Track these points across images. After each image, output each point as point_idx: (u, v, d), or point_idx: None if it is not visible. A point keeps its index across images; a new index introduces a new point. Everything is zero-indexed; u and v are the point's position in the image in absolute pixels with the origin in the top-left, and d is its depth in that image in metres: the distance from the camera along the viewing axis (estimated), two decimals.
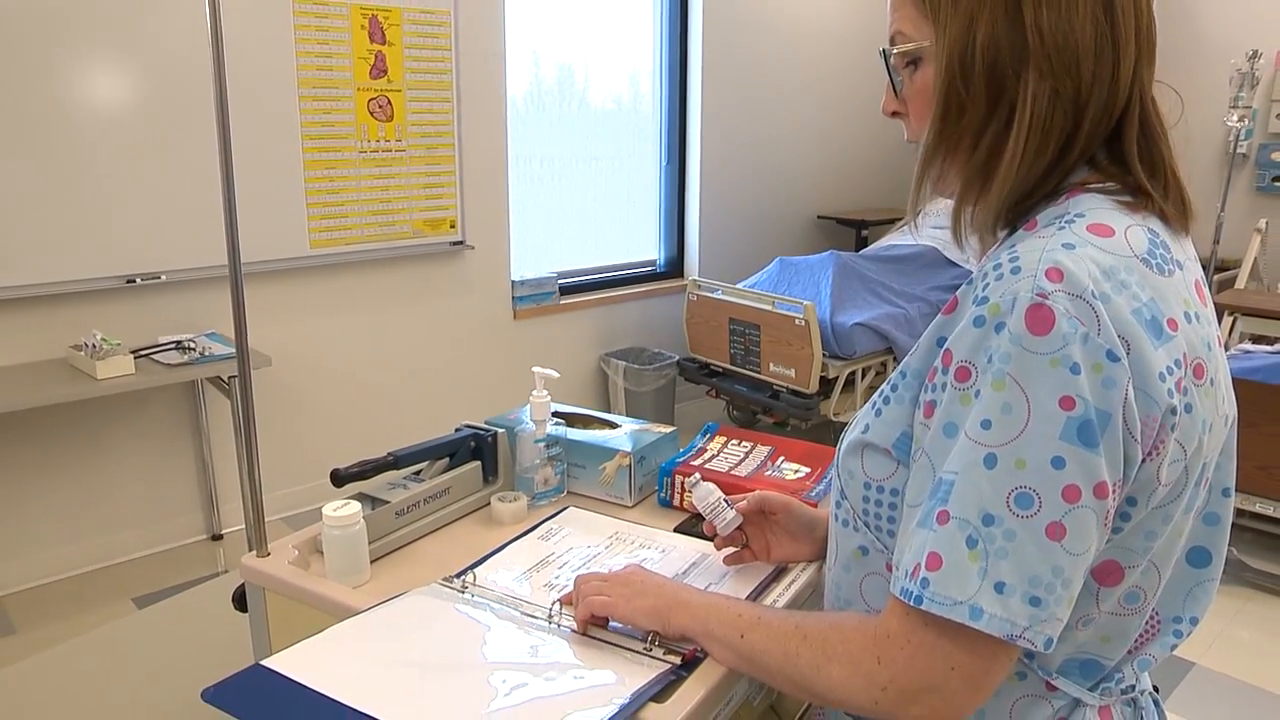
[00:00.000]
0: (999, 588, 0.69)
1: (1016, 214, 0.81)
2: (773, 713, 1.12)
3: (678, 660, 0.95)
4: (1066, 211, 0.77)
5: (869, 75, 5.19)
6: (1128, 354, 0.70)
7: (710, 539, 1.17)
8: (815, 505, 1.21)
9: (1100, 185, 0.79)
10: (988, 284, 0.73)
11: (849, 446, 0.86)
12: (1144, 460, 0.72)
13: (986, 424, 0.70)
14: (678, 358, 4.25)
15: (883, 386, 0.84)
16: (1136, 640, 0.83)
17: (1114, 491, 0.71)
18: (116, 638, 1.70)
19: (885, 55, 0.84)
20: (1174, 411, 0.72)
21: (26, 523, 2.92)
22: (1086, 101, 0.76)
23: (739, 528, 1.13)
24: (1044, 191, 0.79)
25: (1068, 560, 0.69)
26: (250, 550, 1.21)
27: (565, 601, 1.04)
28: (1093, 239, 0.73)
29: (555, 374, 1.36)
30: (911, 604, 0.72)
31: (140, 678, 1.55)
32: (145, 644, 1.72)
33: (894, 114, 0.87)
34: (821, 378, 3.63)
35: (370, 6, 3.28)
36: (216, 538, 3.28)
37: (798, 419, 3.78)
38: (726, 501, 1.12)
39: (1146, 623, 0.83)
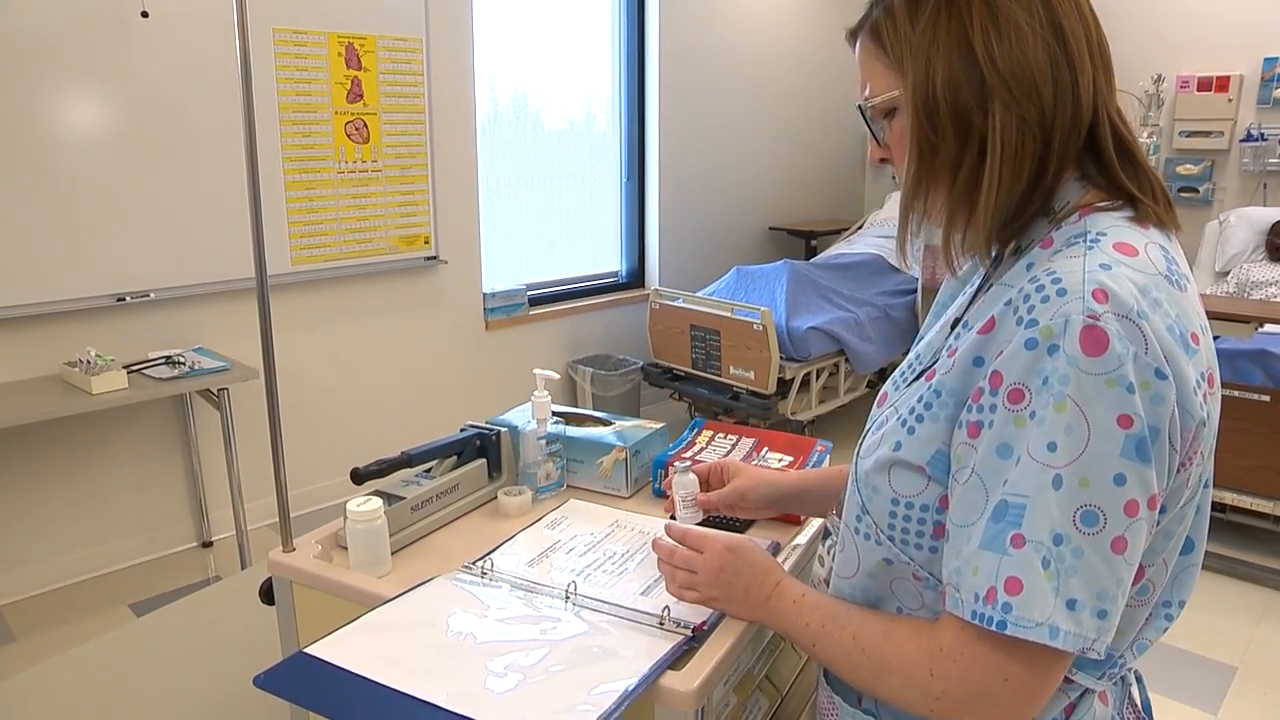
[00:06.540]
0: (1071, 605, 0.69)
1: (1010, 234, 0.80)
2: (768, 681, 1.16)
3: (689, 632, 0.99)
4: (1086, 231, 0.76)
5: (816, 98, 5.30)
6: (1172, 371, 0.70)
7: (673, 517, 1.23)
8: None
9: (1108, 204, 0.78)
10: (1032, 306, 0.71)
11: (875, 464, 0.83)
12: (1178, 470, 0.73)
13: (1052, 446, 0.69)
14: (642, 363, 4.29)
15: (911, 404, 0.82)
16: (1139, 627, 0.84)
17: (1160, 502, 0.71)
18: (118, 646, 1.67)
19: (863, 110, 0.84)
20: (1203, 423, 0.73)
21: (24, 533, 2.86)
22: (1052, 123, 0.75)
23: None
24: (1032, 210, 0.78)
25: (1126, 571, 0.70)
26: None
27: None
28: (1124, 259, 0.73)
29: (555, 375, 1.39)
30: (995, 629, 0.70)
31: (145, 685, 1.54)
32: (148, 651, 1.71)
33: (881, 160, 0.87)
34: (779, 379, 3.70)
35: (347, 34, 3.27)
36: (207, 545, 3.23)
37: (757, 418, 3.84)
38: (694, 501, 1.22)
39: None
